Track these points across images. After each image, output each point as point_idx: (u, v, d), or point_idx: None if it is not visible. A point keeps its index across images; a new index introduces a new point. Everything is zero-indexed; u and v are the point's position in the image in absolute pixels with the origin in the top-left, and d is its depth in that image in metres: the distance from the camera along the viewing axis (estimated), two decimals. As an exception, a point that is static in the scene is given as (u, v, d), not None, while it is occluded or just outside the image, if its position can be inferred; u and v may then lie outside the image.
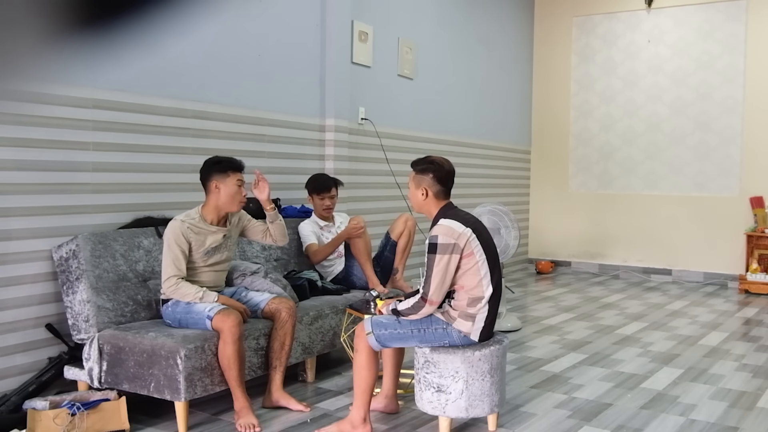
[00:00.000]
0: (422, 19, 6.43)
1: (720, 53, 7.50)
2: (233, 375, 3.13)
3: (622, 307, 6.20)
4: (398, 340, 3.01)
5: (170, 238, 3.25)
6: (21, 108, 3.22)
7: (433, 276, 2.88)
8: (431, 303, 2.89)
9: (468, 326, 2.95)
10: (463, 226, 2.93)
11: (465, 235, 2.91)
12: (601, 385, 3.86)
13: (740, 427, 3.25)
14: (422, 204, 3.08)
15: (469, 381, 2.94)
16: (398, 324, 2.98)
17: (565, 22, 8.41)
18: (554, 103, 8.52)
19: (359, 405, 3.01)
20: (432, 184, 3.04)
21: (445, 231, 2.90)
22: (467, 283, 2.93)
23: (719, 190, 7.54)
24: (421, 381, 3.01)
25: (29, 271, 3.29)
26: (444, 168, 3.07)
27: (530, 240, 8.71)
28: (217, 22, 4.28)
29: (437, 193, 3.05)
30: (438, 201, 3.06)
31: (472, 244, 2.91)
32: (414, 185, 3.08)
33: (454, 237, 2.89)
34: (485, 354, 2.97)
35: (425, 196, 3.05)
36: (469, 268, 2.92)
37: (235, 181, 3.36)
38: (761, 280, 6.94)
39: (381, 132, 5.74)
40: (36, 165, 3.30)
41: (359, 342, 3.02)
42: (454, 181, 3.11)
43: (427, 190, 3.04)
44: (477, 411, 2.99)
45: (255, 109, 4.60)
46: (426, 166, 3.06)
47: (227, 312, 3.15)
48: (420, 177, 3.06)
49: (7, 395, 3.15)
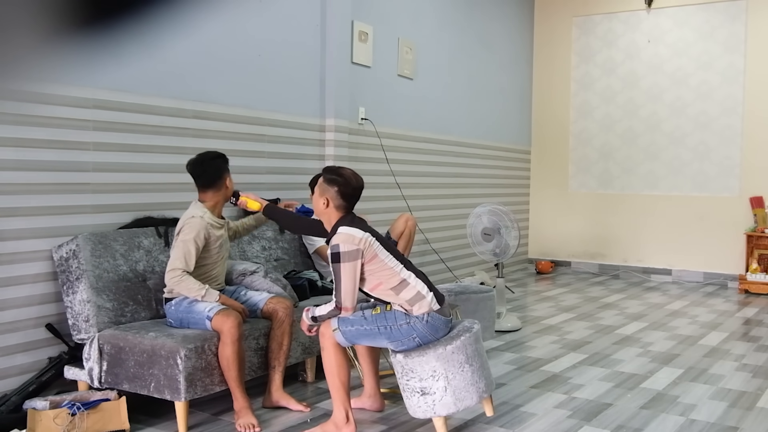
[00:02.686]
0: (422, 19, 6.43)
1: (720, 53, 7.50)
2: (233, 375, 3.13)
3: (622, 307, 6.21)
4: (366, 337, 3.02)
5: (189, 233, 3.24)
6: (21, 108, 3.22)
7: (342, 284, 2.92)
8: (346, 309, 2.95)
9: (423, 304, 2.96)
10: (362, 231, 2.97)
11: (365, 239, 2.94)
12: (601, 385, 3.86)
13: (740, 427, 3.25)
14: (322, 212, 3.10)
15: (449, 376, 2.93)
16: (364, 320, 3.00)
17: (565, 22, 8.41)
18: (554, 103, 8.52)
19: (338, 404, 3.02)
20: (335, 197, 3.04)
21: (345, 239, 2.93)
22: (383, 278, 2.97)
23: (719, 191, 7.54)
24: (405, 389, 3.01)
25: (29, 271, 3.29)
26: (350, 185, 3.06)
27: (530, 240, 8.71)
28: (217, 22, 4.28)
29: (338, 206, 3.06)
30: (338, 213, 3.08)
31: (374, 246, 2.96)
32: (318, 192, 3.09)
33: (356, 243, 2.92)
34: (457, 346, 2.95)
35: (326, 206, 3.07)
36: (378, 267, 2.97)
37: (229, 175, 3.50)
38: (761, 280, 6.95)
39: (381, 132, 5.74)
40: (36, 165, 3.30)
41: (325, 340, 3.03)
42: (359, 197, 3.11)
43: (329, 201, 3.06)
44: (466, 402, 2.98)
45: (255, 109, 4.60)
46: (334, 178, 3.05)
47: (227, 313, 3.16)
48: (326, 186, 3.06)
49: (8, 395, 3.15)
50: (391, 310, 3.01)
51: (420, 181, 6.37)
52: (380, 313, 3.00)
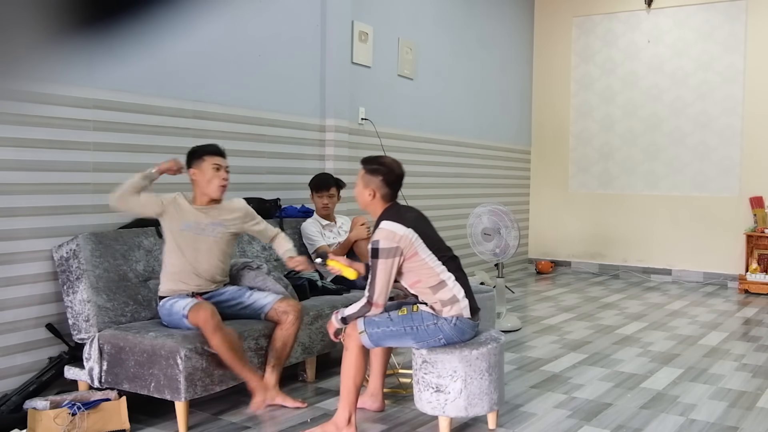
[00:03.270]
0: (422, 19, 6.43)
1: (720, 53, 7.50)
2: (230, 360, 3.11)
3: (622, 307, 6.21)
4: (391, 339, 3.02)
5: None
6: (21, 108, 3.23)
7: (377, 280, 2.91)
8: (377, 306, 2.94)
9: (456, 308, 2.97)
10: (405, 227, 2.95)
11: (407, 236, 2.93)
12: (601, 385, 3.86)
13: (740, 426, 3.25)
14: (368, 203, 3.09)
15: (468, 380, 2.94)
16: (390, 321, 2.99)
17: (565, 23, 8.41)
18: (554, 103, 8.52)
19: (345, 405, 3.01)
20: (380, 187, 3.04)
21: (386, 235, 2.92)
22: (422, 276, 2.97)
23: (719, 190, 7.54)
24: (419, 381, 3.01)
25: (30, 271, 3.29)
26: (394, 172, 3.06)
27: (530, 240, 8.71)
28: (217, 22, 4.28)
29: (384, 195, 3.05)
30: (384, 203, 3.06)
31: (415, 244, 2.95)
32: (362, 184, 3.08)
33: (396, 240, 2.91)
34: (483, 352, 2.97)
35: (372, 197, 3.05)
36: (418, 265, 2.96)
37: (211, 165, 3.39)
38: (761, 280, 6.95)
39: (381, 132, 5.74)
40: (36, 165, 3.30)
41: (350, 341, 3.02)
42: (402, 184, 3.11)
43: (374, 192, 3.04)
44: (476, 410, 2.99)
45: (255, 109, 4.60)
46: (377, 168, 3.05)
47: (198, 306, 3.14)
48: (369, 177, 3.05)
49: (8, 395, 3.16)
50: (418, 311, 3.00)
51: (420, 181, 6.37)
52: (407, 314, 3.00)
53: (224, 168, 3.43)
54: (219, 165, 3.41)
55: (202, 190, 3.41)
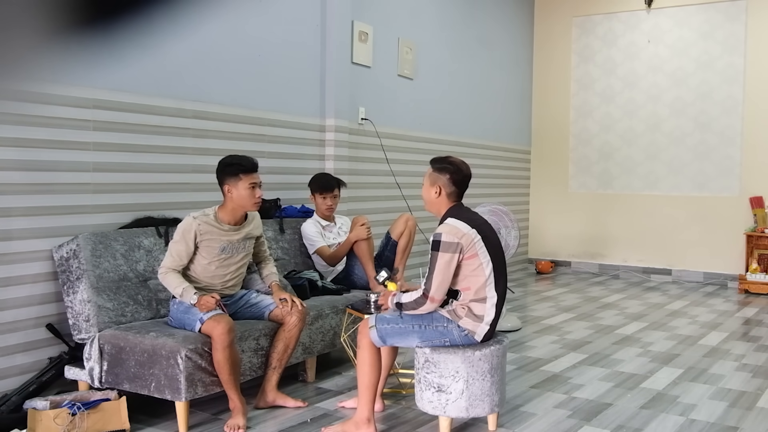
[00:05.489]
0: (422, 19, 6.43)
1: (720, 53, 7.50)
2: (224, 378, 3.12)
3: (622, 307, 6.21)
4: (399, 336, 3.02)
5: (180, 232, 3.26)
6: (21, 108, 3.22)
7: (435, 273, 2.89)
8: (432, 300, 2.91)
9: (474, 326, 2.96)
10: (469, 227, 2.94)
11: (469, 235, 2.92)
12: (601, 385, 3.86)
13: (740, 426, 3.25)
14: (433, 202, 3.10)
15: (470, 381, 2.94)
16: (400, 319, 3.00)
17: (565, 23, 8.41)
18: (554, 103, 8.52)
19: (363, 403, 3.01)
20: (447, 185, 3.05)
21: (449, 230, 2.92)
22: (472, 285, 2.95)
23: (719, 190, 7.54)
24: (421, 381, 3.02)
25: (30, 271, 3.29)
26: (462, 171, 3.08)
27: (530, 240, 8.71)
28: (217, 22, 4.28)
29: (450, 194, 3.06)
30: (449, 201, 3.07)
31: (477, 246, 2.93)
32: (429, 182, 3.10)
33: (458, 236, 2.90)
34: (486, 354, 2.97)
35: (438, 195, 3.07)
36: (473, 269, 2.93)
37: (247, 185, 3.31)
38: (761, 280, 6.95)
39: (381, 132, 5.74)
40: (36, 165, 3.30)
41: (362, 338, 3.03)
42: (468, 185, 3.12)
43: (441, 189, 3.06)
44: (477, 411, 2.99)
45: (255, 109, 4.60)
46: (444, 166, 3.07)
47: (218, 318, 3.12)
48: (436, 175, 3.08)
49: (8, 395, 3.16)
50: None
51: (420, 181, 6.36)
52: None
53: (259, 184, 3.37)
54: (255, 183, 3.34)
55: (235, 206, 3.35)
